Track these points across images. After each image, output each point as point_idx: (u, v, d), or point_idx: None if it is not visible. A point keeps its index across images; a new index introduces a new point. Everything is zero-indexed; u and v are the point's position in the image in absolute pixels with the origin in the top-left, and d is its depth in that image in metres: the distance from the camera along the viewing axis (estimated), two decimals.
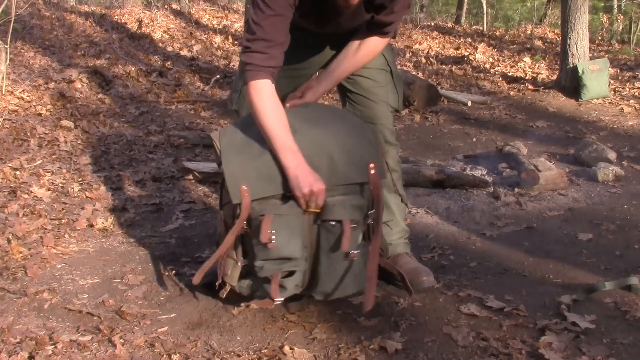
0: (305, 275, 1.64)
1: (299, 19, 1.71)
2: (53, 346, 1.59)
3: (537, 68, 6.61)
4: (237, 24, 8.17)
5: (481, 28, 9.23)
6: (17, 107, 4.21)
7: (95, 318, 1.77)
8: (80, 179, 3.11)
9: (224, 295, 1.73)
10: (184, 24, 7.86)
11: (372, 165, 1.66)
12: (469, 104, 5.35)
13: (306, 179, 1.55)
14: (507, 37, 8.37)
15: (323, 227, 1.60)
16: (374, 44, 1.83)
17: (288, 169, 1.57)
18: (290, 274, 1.61)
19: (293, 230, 1.58)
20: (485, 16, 9.58)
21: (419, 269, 1.96)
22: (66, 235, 2.43)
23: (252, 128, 1.67)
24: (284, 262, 1.59)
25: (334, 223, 1.59)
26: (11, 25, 4.43)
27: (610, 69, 5.69)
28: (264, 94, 1.61)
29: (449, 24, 9.93)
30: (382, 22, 1.75)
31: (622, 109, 5.10)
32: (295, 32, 1.69)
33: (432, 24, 9.51)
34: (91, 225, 2.54)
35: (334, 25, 1.78)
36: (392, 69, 1.95)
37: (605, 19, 8.75)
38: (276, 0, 1.57)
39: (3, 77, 4.35)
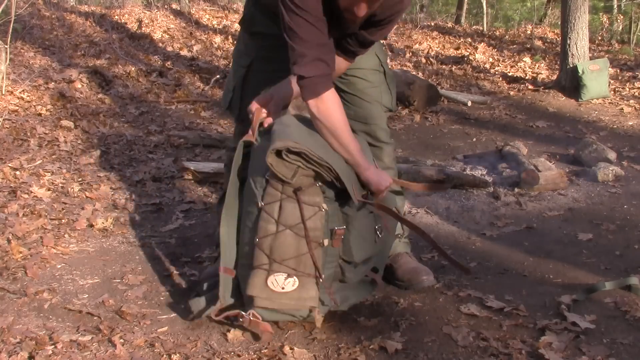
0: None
1: None
2: (53, 346, 1.58)
3: (537, 68, 6.61)
4: (237, 24, 8.16)
5: (481, 28, 9.23)
6: (17, 107, 4.21)
7: (95, 318, 1.77)
8: (80, 179, 3.11)
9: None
10: (184, 24, 7.86)
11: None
12: (469, 104, 5.34)
13: (381, 175, 1.69)
14: (507, 37, 8.37)
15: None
16: (338, 67, 1.78)
17: (365, 170, 1.66)
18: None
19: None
20: (485, 16, 9.58)
21: (418, 268, 1.96)
22: (66, 235, 2.43)
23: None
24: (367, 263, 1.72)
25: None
26: (11, 25, 4.43)
27: (610, 69, 5.69)
28: (335, 107, 1.62)
29: (449, 24, 9.92)
30: (364, 39, 1.73)
31: (622, 109, 5.10)
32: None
33: (432, 24, 9.51)
34: (91, 225, 2.54)
35: (332, 34, 1.77)
36: (385, 70, 1.96)
37: (605, 19, 8.75)
38: (311, 6, 1.53)
39: (3, 77, 4.35)
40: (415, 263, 2.00)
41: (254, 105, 1.71)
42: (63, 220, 2.56)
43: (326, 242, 1.58)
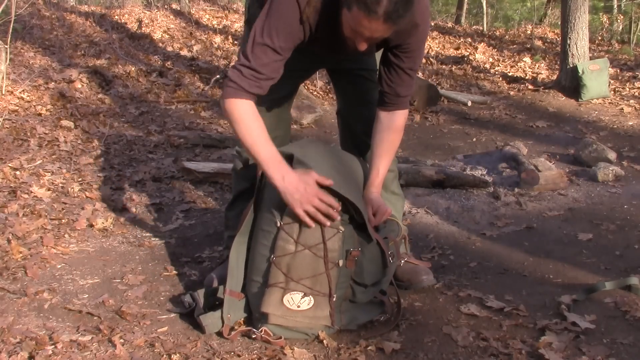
0: None
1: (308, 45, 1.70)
2: (53, 346, 1.58)
3: (537, 68, 6.61)
4: (237, 24, 8.16)
5: (481, 28, 9.23)
6: (17, 107, 4.21)
7: (95, 318, 1.76)
8: (80, 179, 3.11)
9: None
10: (184, 24, 7.85)
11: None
12: (469, 104, 5.35)
13: (296, 191, 1.53)
14: (507, 37, 8.37)
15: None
16: (398, 119, 1.80)
17: (275, 180, 1.57)
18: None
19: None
20: (485, 16, 9.58)
21: (418, 268, 1.96)
22: (66, 235, 2.43)
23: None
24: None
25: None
26: (11, 25, 4.43)
27: (610, 69, 5.69)
28: (245, 109, 1.60)
29: (449, 24, 9.93)
30: (401, 67, 1.72)
31: (622, 109, 5.10)
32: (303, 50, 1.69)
33: (432, 24, 9.51)
34: (91, 225, 2.54)
35: (342, 56, 1.79)
36: None
37: (605, 19, 8.75)
38: (283, 41, 1.56)
39: (3, 77, 4.35)
40: (415, 263, 2.00)
41: None
42: (63, 220, 2.56)
43: (341, 262, 1.61)
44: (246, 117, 1.60)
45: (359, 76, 1.93)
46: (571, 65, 5.50)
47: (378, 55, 1.85)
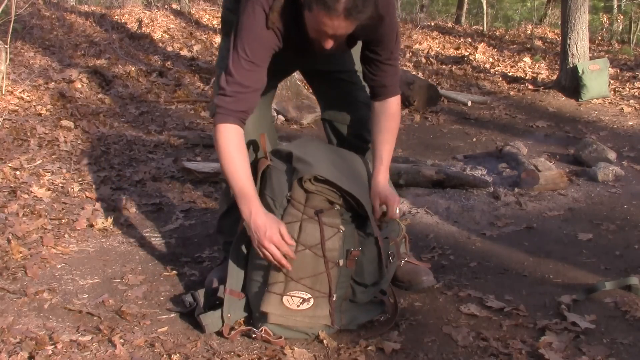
0: None
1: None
2: (53, 346, 1.58)
3: (537, 68, 6.61)
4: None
5: (481, 28, 9.23)
6: (17, 107, 4.21)
7: (95, 318, 1.77)
8: (80, 179, 3.11)
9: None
10: (184, 24, 7.85)
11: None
12: (469, 104, 5.35)
13: (257, 230, 1.55)
14: (507, 37, 8.37)
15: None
16: (391, 107, 1.83)
17: (243, 214, 1.58)
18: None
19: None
20: (485, 16, 9.58)
21: (418, 269, 1.96)
22: (66, 235, 2.43)
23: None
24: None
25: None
26: (11, 25, 4.43)
27: (610, 69, 5.69)
28: (230, 137, 1.61)
29: (449, 24, 9.92)
30: (380, 61, 1.74)
31: (622, 109, 5.10)
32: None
33: (432, 24, 9.51)
34: (91, 225, 2.54)
35: (314, 58, 1.79)
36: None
37: (605, 19, 8.75)
38: (256, 52, 1.58)
39: (3, 77, 4.35)
40: (415, 263, 2.00)
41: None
42: (63, 220, 2.56)
43: (341, 262, 1.61)
44: (230, 146, 1.61)
45: (339, 79, 1.94)
46: (571, 65, 5.50)
47: (356, 55, 1.87)
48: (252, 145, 1.79)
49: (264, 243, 1.54)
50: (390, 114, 1.83)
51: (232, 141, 1.61)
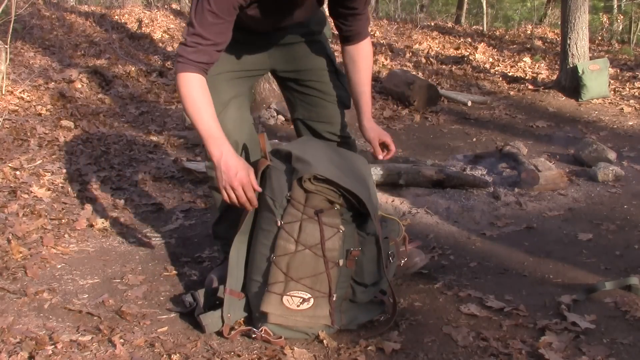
0: None
1: (249, 20, 1.70)
2: (53, 346, 1.58)
3: (537, 68, 6.61)
4: None
5: (481, 28, 9.23)
6: (17, 107, 4.21)
7: (95, 318, 1.77)
8: (80, 179, 3.11)
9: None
10: (184, 24, 7.85)
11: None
12: (469, 104, 5.35)
13: (226, 171, 1.58)
14: (507, 37, 8.37)
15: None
16: (364, 48, 1.88)
17: (213, 156, 1.62)
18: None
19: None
20: (485, 16, 9.58)
21: (410, 251, 1.96)
22: (66, 235, 2.43)
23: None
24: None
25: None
26: (11, 25, 4.43)
27: (610, 69, 5.69)
28: (193, 84, 1.62)
29: (449, 24, 9.92)
30: (352, 14, 1.79)
31: (622, 109, 5.10)
32: (243, 33, 1.72)
33: (432, 24, 9.51)
34: (91, 225, 2.54)
35: (289, 19, 1.78)
36: (337, 68, 1.98)
37: (605, 19, 8.75)
38: (219, 3, 1.57)
39: (3, 77, 4.35)
40: (407, 247, 1.99)
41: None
42: (63, 220, 2.56)
43: (341, 262, 1.61)
44: (193, 92, 1.62)
45: (309, 79, 1.94)
46: (571, 65, 5.50)
47: (322, 56, 1.91)
48: (244, 149, 1.80)
49: (234, 184, 1.57)
50: (364, 54, 1.89)
51: (194, 88, 1.62)
